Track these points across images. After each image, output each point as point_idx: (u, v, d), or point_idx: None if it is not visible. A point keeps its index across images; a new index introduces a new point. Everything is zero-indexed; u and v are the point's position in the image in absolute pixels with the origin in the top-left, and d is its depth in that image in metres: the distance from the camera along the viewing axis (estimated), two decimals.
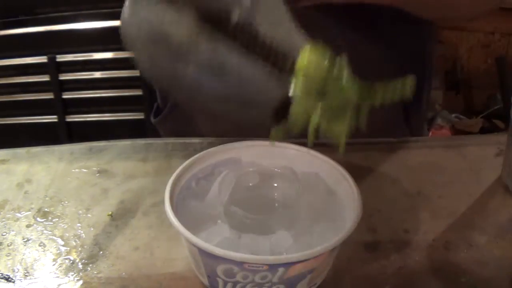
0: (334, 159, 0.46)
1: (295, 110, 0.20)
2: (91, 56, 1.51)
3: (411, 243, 0.47)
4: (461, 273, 0.44)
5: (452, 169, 0.57)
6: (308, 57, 0.20)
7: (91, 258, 0.46)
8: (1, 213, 0.51)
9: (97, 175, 0.57)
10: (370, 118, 0.68)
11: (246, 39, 0.20)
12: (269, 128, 0.22)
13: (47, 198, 0.53)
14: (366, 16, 0.59)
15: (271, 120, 0.19)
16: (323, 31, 0.60)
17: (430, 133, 1.81)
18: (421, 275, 0.44)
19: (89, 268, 0.45)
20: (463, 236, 0.48)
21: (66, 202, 0.53)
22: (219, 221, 0.41)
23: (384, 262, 0.45)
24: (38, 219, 0.51)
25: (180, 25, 0.19)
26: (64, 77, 1.54)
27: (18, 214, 0.51)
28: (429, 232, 0.48)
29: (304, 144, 0.48)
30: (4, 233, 0.49)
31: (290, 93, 0.20)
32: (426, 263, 0.45)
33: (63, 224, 0.50)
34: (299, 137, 0.58)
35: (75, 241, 0.48)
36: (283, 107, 0.19)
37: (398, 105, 0.70)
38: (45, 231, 0.49)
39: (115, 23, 1.48)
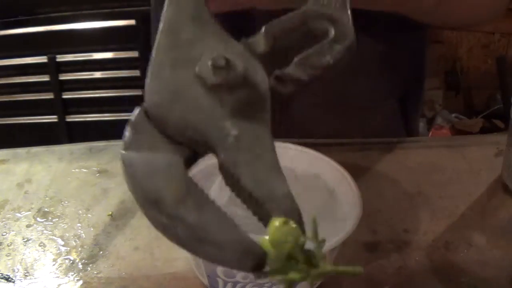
0: (334, 159, 0.46)
1: (270, 271, 0.21)
2: (91, 56, 1.51)
3: (411, 243, 0.47)
4: (461, 273, 0.44)
5: (452, 169, 0.57)
6: (275, 232, 0.20)
7: (91, 258, 0.46)
8: (1, 213, 0.51)
9: (97, 175, 0.57)
10: (370, 123, 0.68)
11: (229, 182, 0.20)
12: None
13: (47, 198, 0.53)
14: (361, 18, 0.59)
15: (251, 273, 0.20)
16: None
17: (430, 133, 1.82)
18: (421, 275, 0.44)
19: (89, 268, 0.45)
20: (463, 236, 0.48)
21: (66, 202, 0.53)
22: None
23: (384, 262, 0.45)
24: (38, 219, 0.51)
25: (170, 183, 0.19)
26: (64, 77, 1.54)
27: (18, 214, 0.51)
28: (429, 232, 0.48)
29: (304, 144, 0.48)
30: (4, 233, 0.49)
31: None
32: (426, 263, 0.45)
33: (63, 224, 0.50)
34: (299, 137, 0.58)
35: (75, 241, 0.48)
36: (260, 265, 0.20)
37: (397, 110, 0.71)
38: (45, 231, 0.49)
39: (115, 23, 1.48)
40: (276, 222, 0.20)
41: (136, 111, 0.21)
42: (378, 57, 0.64)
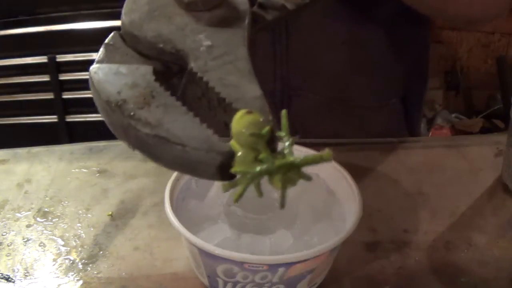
0: (334, 159, 0.46)
1: (236, 168, 0.20)
2: (91, 56, 1.51)
3: (411, 243, 0.47)
4: (461, 273, 0.44)
5: (452, 169, 0.57)
6: (236, 123, 0.19)
7: (91, 258, 0.46)
8: (1, 213, 0.51)
9: (97, 175, 0.57)
10: (372, 123, 0.68)
11: (195, 90, 0.20)
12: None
13: (47, 198, 0.53)
14: (366, 10, 0.59)
15: (217, 177, 0.20)
16: (325, 27, 0.60)
17: (430, 133, 1.82)
18: (421, 275, 0.44)
19: (89, 268, 0.45)
20: (463, 236, 0.48)
21: (66, 202, 0.53)
22: (219, 221, 0.41)
23: (384, 262, 0.45)
24: (38, 219, 0.51)
25: (135, 86, 0.19)
26: (64, 77, 1.54)
27: (18, 214, 0.51)
28: (429, 232, 0.48)
29: (304, 144, 0.48)
30: (4, 233, 0.49)
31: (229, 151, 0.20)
32: (426, 263, 0.45)
33: (63, 224, 0.50)
34: (300, 138, 0.58)
35: (75, 241, 0.48)
36: (226, 165, 0.19)
37: (400, 110, 0.70)
38: (45, 231, 0.49)
39: (115, 23, 1.48)
40: (239, 114, 0.19)
41: (112, 34, 0.22)
42: (380, 57, 0.64)
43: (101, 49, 0.21)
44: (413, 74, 0.69)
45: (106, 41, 0.21)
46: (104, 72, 0.20)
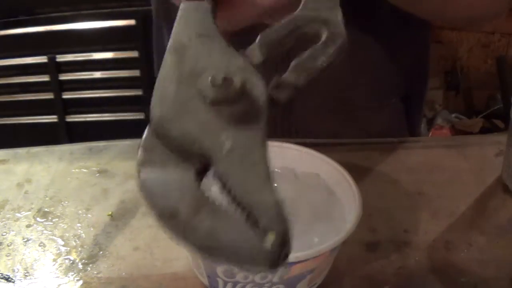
0: (334, 159, 0.46)
1: None
2: (91, 56, 1.51)
3: (411, 243, 0.47)
4: (461, 273, 0.44)
5: (452, 169, 0.57)
6: None
7: (91, 258, 0.46)
8: (1, 213, 0.51)
9: (97, 175, 0.57)
10: (372, 123, 0.68)
11: (223, 192, 0.21)
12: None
13: (47, 198, 0.53)
14: (364, 17, 0.59)
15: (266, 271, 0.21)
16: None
17: (430, 133, 1.82)
18: (421, 275, 0.44)
19: (89, 268, 0.45)
20: (463, 236, 0.48)
21: (66, 202, 0.53)
22: None
23: (384, 262, 0.45)
24: (38, 219, 0.51)
25: (183, 197, 0.21)
26: (64, 77, 1.54)
27: (18, 214, 0.51)
28: (429, 232, 0.48)
29: (304, 144, 0.48)
30: (4, 233, 0.49)
31: None
32: (426, 263, 0.45)
33: (63, 224, 0.50)
34: (303, 137, 0.58)
35: (75, 241, 0.48)
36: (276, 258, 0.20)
37: (400, 110, 0.70)
38: (45, 231, 0.49)
39: (115, 23, 1.48)
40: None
41: (146, 131, 0.23)
42: (380, 57, 0.64)
43: (140, 149, 0.22)
44: (413, 74, 0.69)
45: (143, 139, 0.22)
46: (151, 183, 0.21)
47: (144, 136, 0.23)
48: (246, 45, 0.26)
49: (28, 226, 0.50)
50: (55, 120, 1.59)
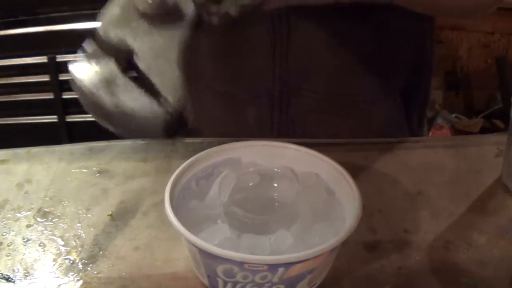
0: (334, 159, 0.46)
1: None
2: None
3: (411, 243, 0.47)
4: (461, 273, 0.44)
5: (452, 169, 0.57)
6: None
7: (91, 258, 0.46)
8: (1, 213, 0.51)
9: (97, 175, 0.57)
10: (372, 119, 0.68)
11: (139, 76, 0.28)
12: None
13: (47, 198, 0.53)
14: (359, 11, 0.59)
15: (162, 135, 0.28)
16: (325, 25, 0.60)
17: (430, 133, 1.81)
18: (421, 275, 0.44)
19: (89, 268, 0.45)
20: (463, 236, 0.48)
21: (66, 202, 0.53)
22: (219, 221, 0.41)
23: (384, 262, 0.45)
24: (38, 219, 0.51)
25: (103, 77, 0.27)
26: (64, 77, 1.54)
27: (18, 214, 0.51)
28: (429, 232, 0.48)
29: (304, 144, 0.48)
30: (4, 233, 0.49)
31: None
32: (426, 263, 0.45)
33: (63, 224, 0.50)
34: (301, 137, 0.58)
35: (75, 241, 0.48)
36: (170, 126, 0.26)
37: (400, 105, 0.70)
38: (45, 231, 0.49)
39: None
40: None
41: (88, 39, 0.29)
42: (380, 52, 0.64)
43: (80, 50, 0.29)
44: (414, 69, 0.69)
45: (84, 44, 0.29)
46: (81, 67, 0.27)
47: (85, 41, 0.30)
48: None
49: (28, 226, 0.50)
50: (55, 120, 1.59)
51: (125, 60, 0.28)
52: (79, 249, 0.47)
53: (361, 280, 0.44)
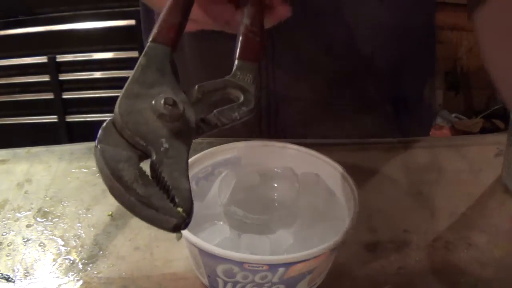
0: (334, 159, 0.46)
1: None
2: (91, 56, 1.51)
3: (411, 243, 0.47)
4: (461, 273, 0.44)
5: (452, 169, 0.57)
6: None
7: (91, 258, 0.46)
8: (1, 213, 0.51)
9: (97, 175, 0.57)
10: (359, 128, 0.67)
11: (154, 175, 0.30)
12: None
13: (47, 198, 0.53)
14: (348, 13, 0.59)
15: (172, 231, 0.30)
16: (311, 35, 0.60)
17: (430, 133, 1.81)
18: (421, 275, 0.44)
19: (89, 268, 0.45)
20: (463, 236, 0.48)
21: (66, 202, 0.53)
22: (219, 221, 0.41)
23: (384, 262, 0.45)
24: (38, 219, 0.51)
25: (129, 168, 0.29)
26: (64, 77, 1.54)
27: (18, 214, 0.51)
28: (429, 232, 0.48)
29: (304, 144, 0.48)
30: (4, 233, 0.49)
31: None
32: (426, 263, 0.45)
33: (63, 224, 0.50)
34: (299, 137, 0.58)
35: (75, 241, 0.48)
36: (178, 226, 0.29)
37: (389, 114, 0.69)
38: (45, 231, 0.49)
39: (115, 23, 1.48)
40: None
41: (107, 120, 0.31)
42: (369, 59, 0.63)
43: (100, 132, 0.30)
44: (407, 77, 0.68)
45: (104, 125, 0.31)
46: (107, 153, 0.29)
47: (105, 123, 0.31)
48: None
49: (28, 226, 0.50)
50: (55, 120, 1.59)
51: (140, 154, 0.31)
52: (79, 249, 0.47)
53: (361, 280, 0.44)
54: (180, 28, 0.37)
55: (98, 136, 0.30)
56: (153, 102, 0.31)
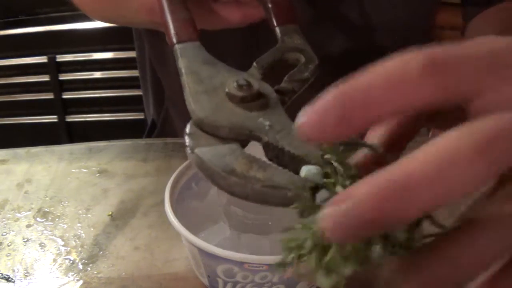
0: None
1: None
2: (91, 56, 1.51)
3: None
4: None
5: None
6: None
7: (91, 258, 0.46)
8: (1, 213, 0.51)
9: (97, 175, 0.57)
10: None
11: (275, 155, 0.28)
12: None
13: (47, 198, 0.53)
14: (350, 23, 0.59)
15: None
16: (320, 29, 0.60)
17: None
18: None
19: (89, 268, 0.45)
20: None
21: (66, 202, 0.53)
22: (219, 221, 0.41)
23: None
24: (38, 219, 0.51)
25: (237, 159, 0.27)
26: (64, 77, 1.54)
27: (18, 214, 0.51)
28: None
29: None
30: (4, 233, 0.49)
31: None
32: None
33: (63, 224, 0.50)
34: None
35: (75, 241, 0.48)
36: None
37: None
38: (45, 231, 0.49)
39: None
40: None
41: (188, 125, 0.29)
42: (370, 59, 0.63)
43: (187, 138, 0.29)
44: None
45: (187, 131, 0.29)
46: (207, 154, 0.28)
47: (187, 130, 0.29)
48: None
49: (28, 226, 0.50)
50: (55, 120, 1.59)
51: (241, 143, 0.29)
52: (79, 249, 0.47)
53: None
54: (192, 20, 0.36)
55: (187, 143, 0.28)
56: (227, 90, 0.30)
